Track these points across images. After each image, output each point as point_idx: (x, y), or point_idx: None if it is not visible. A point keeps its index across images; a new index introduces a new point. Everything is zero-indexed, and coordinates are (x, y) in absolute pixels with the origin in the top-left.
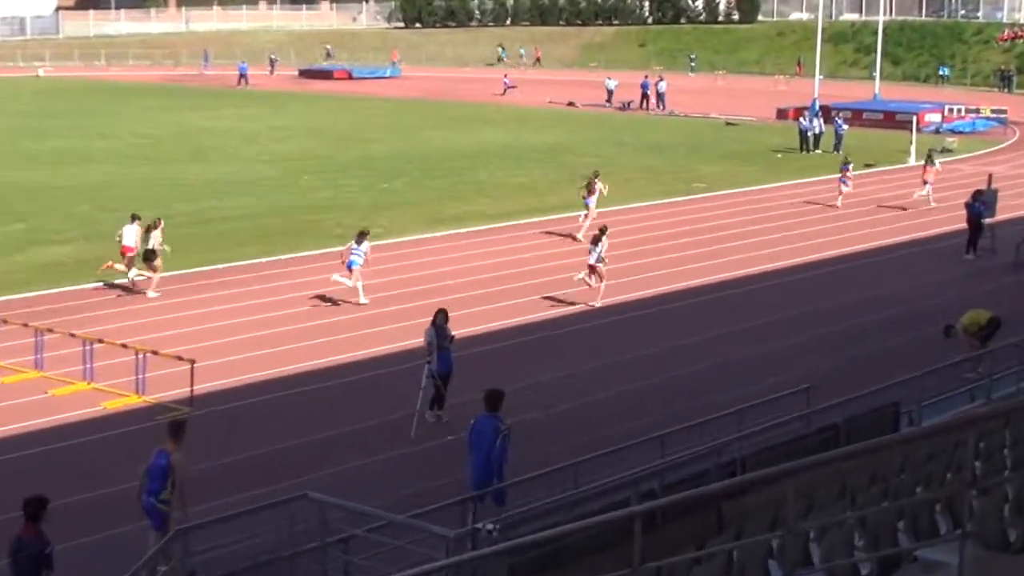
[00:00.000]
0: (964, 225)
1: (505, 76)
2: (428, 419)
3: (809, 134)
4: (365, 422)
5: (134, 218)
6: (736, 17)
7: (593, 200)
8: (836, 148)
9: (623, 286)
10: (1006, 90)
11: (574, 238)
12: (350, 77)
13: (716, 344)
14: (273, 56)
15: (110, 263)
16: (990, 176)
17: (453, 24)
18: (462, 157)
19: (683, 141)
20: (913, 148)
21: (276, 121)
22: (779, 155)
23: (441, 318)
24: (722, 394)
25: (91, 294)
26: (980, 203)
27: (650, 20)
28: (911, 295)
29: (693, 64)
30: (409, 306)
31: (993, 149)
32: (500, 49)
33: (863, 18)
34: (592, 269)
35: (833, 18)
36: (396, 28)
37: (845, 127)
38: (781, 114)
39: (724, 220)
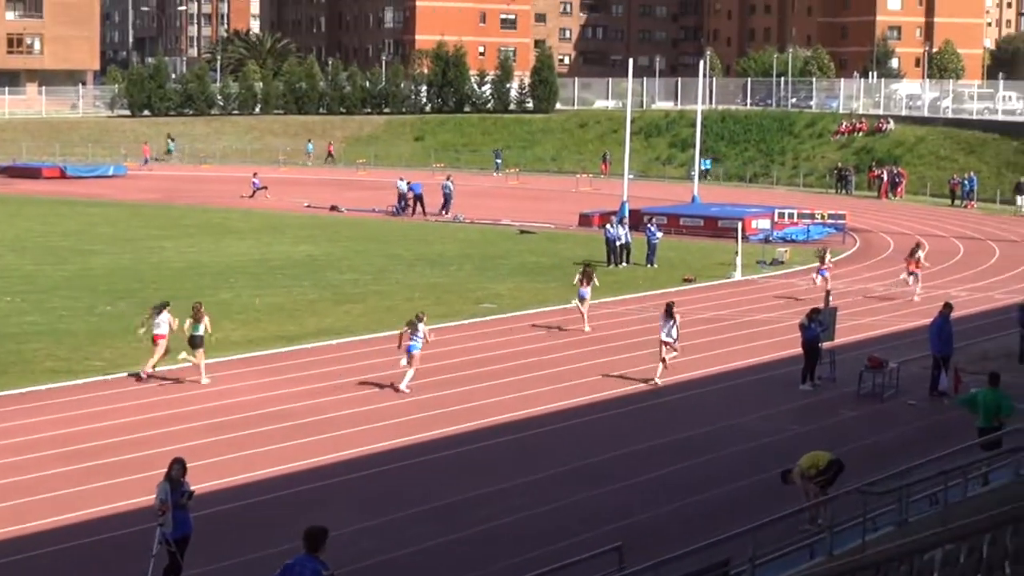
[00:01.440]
0: (799, 350)
1: (254, 176)
2: None
3: (617, 244)
4: None
5: (163, 307)
6: (530, 105)
7: (588, 290)
8: (649, 260)
9: (385, 430)
10: (844, 191)
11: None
12: (63, 175)
13: (514, 495)
14: None
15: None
16: (828, 293)
17: (191, 112)
18: (203, 273)
19: (469, 253)
20: (739, 260)
21: None
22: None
23: (177, 470)
24: (521, 556)
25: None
26: (816, 324)
27: (428, 108)
28: (738, 434)
29: (499, 162)
30: (140, 455)
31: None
32: (169, 140)
33: (679, 107)
34: (666, 345)
35: (644, 107)
36: (121, 116)
37: (659, 235)
38: (584, 220)
39: (519, 347)
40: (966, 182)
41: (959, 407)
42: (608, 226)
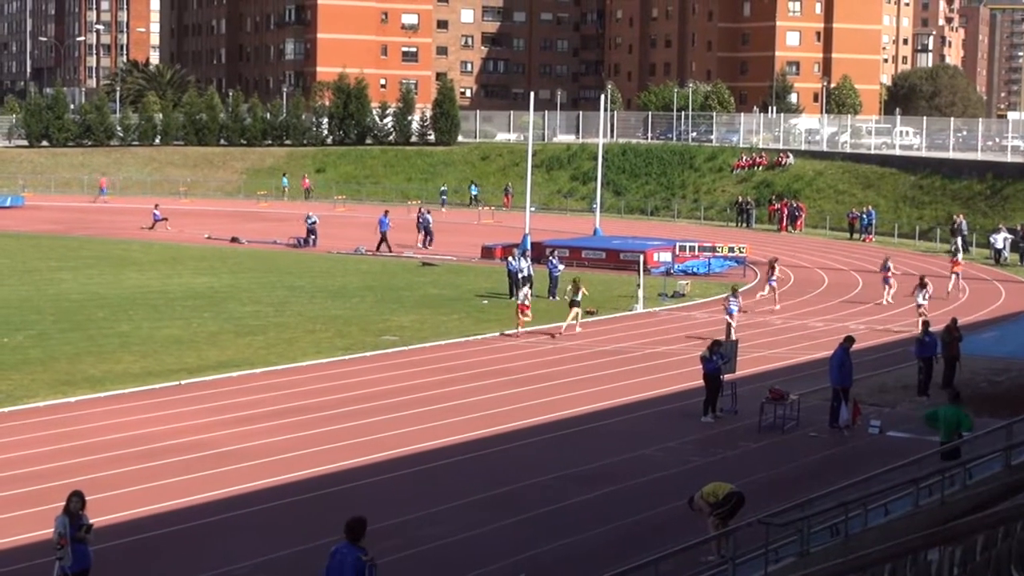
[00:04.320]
0: (700, 382)
1: (155, 207)
2: None
3: (519, 276)
4: None
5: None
6: (432, 138)
7: (775, 279)
8: (551, 293)
9: (288, 462)
10: (744, 225)
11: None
12: None
13: (418, 527)
14: None
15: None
16: (729, 325)
17: (90, 143)
18: (102, 305)
19: (371, 285)
20: (641, 292)
21: None
22: (485, 301)
23: (76, 503)
24: None
25: None
26: (718, 357)
27: (330, 140)
28: (640, 466)
29: (444, 198)
30: (38, 489)
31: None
32: None
33: (580, 140)
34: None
35: (545, 140)
36: (18, 147)
37: (561, 268)
38: (487, 252)
39: (418, 380)
40: (864, 216)
41: (924, 421)
42: (510, 258)
